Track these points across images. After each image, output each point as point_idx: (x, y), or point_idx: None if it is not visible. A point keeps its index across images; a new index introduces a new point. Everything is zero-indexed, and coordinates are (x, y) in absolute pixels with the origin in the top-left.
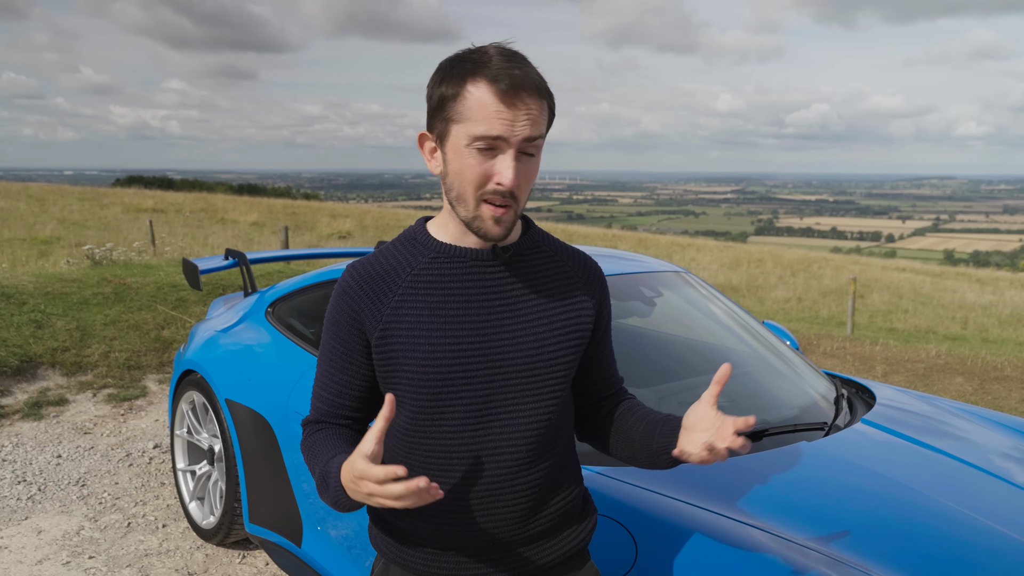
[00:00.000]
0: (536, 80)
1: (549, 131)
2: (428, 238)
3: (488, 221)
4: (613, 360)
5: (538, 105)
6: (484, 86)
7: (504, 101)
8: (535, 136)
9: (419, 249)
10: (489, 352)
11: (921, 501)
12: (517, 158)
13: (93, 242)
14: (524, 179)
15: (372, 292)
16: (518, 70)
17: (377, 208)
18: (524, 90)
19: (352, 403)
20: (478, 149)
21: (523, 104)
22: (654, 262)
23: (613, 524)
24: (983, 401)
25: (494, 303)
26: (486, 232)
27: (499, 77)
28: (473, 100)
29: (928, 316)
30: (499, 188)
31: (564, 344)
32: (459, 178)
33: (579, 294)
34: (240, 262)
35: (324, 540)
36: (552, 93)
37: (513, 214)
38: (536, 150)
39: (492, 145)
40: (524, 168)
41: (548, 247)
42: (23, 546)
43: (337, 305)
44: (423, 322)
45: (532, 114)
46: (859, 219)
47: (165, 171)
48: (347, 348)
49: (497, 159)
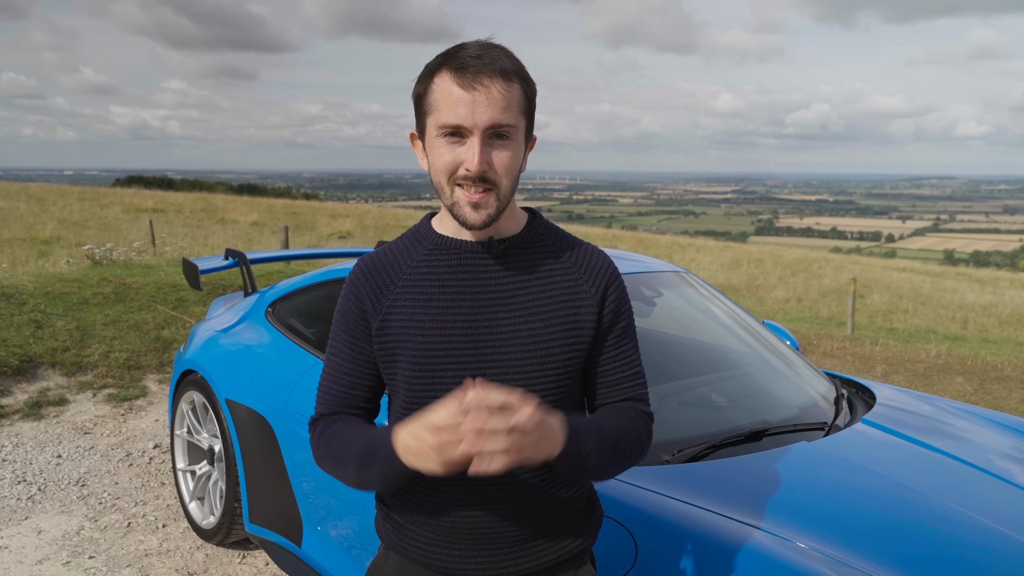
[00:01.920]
0: (503, 65)
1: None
2: (429, 231)
3: (465, 207)
4: (628, 370)
5: (502, 89)
6: (446, 75)
7: (463, 86)
8: (502, 121)
9: (420, 242)
10: (481, 345)
11: (921, 501)
12: (486, 143)
13: (93, 242)
14: (499, 164)
15: (376, 283)
16: (484, 57)
17: (377, 208)
18: (484, 74)
19: (364, 393)
20: (446, 137)
21: (483, 88)
22: (654, 262)
23: (613, 524)
24: (983, 401)
25: (488, 296)
26: (465, 218)
27: (461, 65)
28: (438, 91)
29: (928, 316)
30: (467, 173)
31: (560, 341)
32: (434, 168)
33: (580, 291)
34: (240, 262)
35: (324, 540)
36: (529, 79)
37: (495, 200)
38: (510, 135)
39: (457, 131)
40: (497, 154)
41: (552, 241)
42: (23, 546)
43: (345, 297)
44: (418, 313)
45: (494, 98)
46: (859, 219)
47: (165, 171)
48: (355, 338)
49: (464, 145)
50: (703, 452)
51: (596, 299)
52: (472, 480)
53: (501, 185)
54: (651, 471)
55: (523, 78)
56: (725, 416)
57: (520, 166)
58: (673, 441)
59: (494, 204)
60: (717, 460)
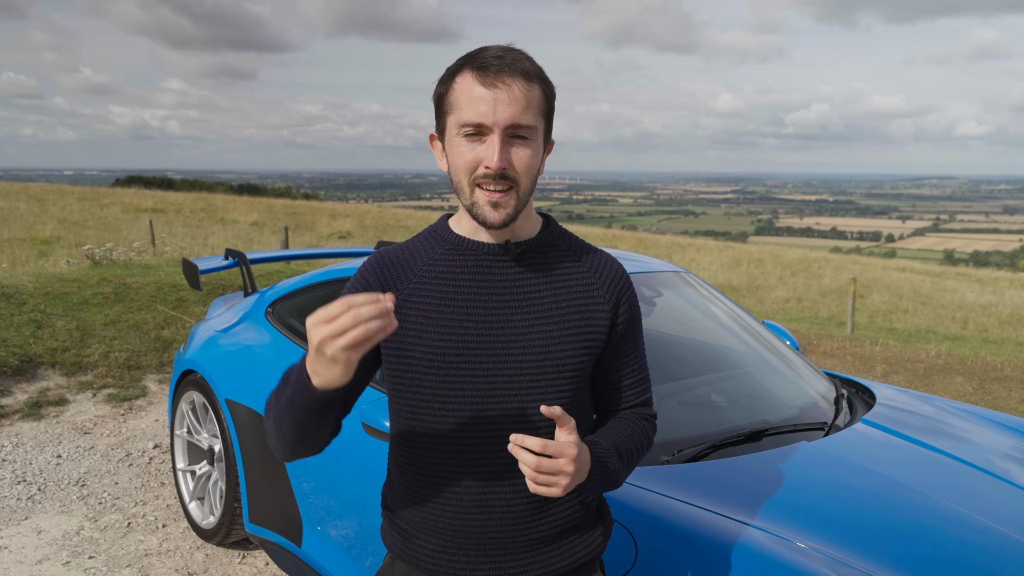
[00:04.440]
0: (524, 67)
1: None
2: (447, 231)
3: (485, 207)
4: (637, 375)
5: (523, 88)
6: (468, 75)
7: (485, 84)
8: (522, 121)
9: (437, 241)
10: (495, 346)
11: (921, 501)
12: (506, 141)
13: (93, 242)
14: (519, 163)
15: (388, 278)
16: (506, 58)
17: (377, 208)
18: (505, 73)
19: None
20: (466, 136)
21: (504, 86)
22: (654, 262)
23: (613, 524)
24: (983, 401)
25: (504, 298)
26: (484, 218)
27: (483, 64)
28: (459, 90)
29: (928, 316)
30: (487, 171)
31: (574, 345)
32: (454, 168)
33: (595, 296)
34: (240, 262)
35: (324, 540)
36: (549, 82)
37: (514, 199)
38: (529, 135)
39: (477, 130)
40: (516, 152)
41: (568, 246)
42: (23, 546)
43: (353, 285)
44: (432, 311)
45: (515, 96)
46: (859, 219)
47: (165, 171)
48: None
49: (485, 143)
50: (703, 452)
51: (610, 305)
52: (482, 484)
53: (521, 184)
54: (651, 471)
55: (543, 80)
56: (725, 416)
57: (539, 167)
58: (673, 441)
59: (513, 204)
60: (717, 460)
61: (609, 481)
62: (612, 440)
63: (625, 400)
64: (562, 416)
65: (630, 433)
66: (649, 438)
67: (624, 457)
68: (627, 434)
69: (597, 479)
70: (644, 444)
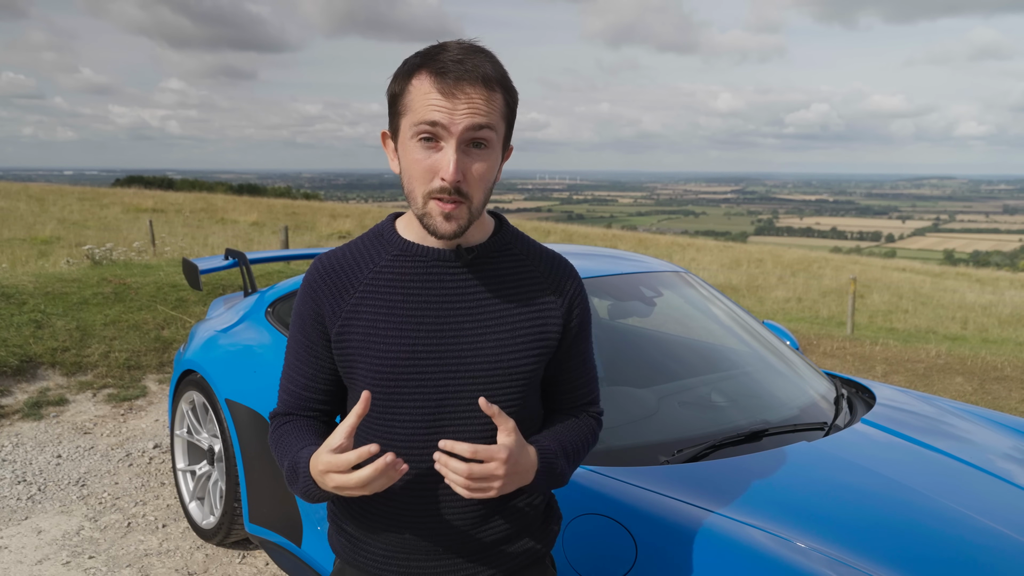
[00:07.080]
0: (485, 72)
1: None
2: (394, 235)
3: (437, 218)
4: (587, 375)
5: (483, 96)
6: (426, 77)
7: (442, 92)
8: (480, 135)
9: (384, 246)
10: (445, 355)
11: (921, 501)
12: (463, 150)
13: (93, 242)
14: (474, 174)
15: (335, 287)
16: (466, 63)
17: (377, 208)
18: (465, 81)
19: (319, 396)
20: (422, 139)
21: (463, 94)
22: (654, 262)
23: (613, 524)
24: (983, 401)
25: (454, 305)
26: (436, 229)
27: (442, 68)
28: (415, 93)
29: (928, 316)
30: (443, 184)
31: (526, 352)
32: (407, 174)
33: (547, 300)
34: (240, 262)
35: (324, 540)
36: (511, 87)
37: (466, 212)
38: (487, 141)
39: (433, 133)
40: (472, 162)
41: (519, 250)
42: (23, 546)
43: (302, 298)
44: (380, 320)
45: (475, 104)
46: (859, 219)
47: (165, 171)
48: (311, 341)
49: (441, 152)
50: (703, 452)
51: (562, 310)
52: (428, 493)
53: (474, 198)
54: (651, 471)
55: (505, 87)
56: (725, 416)
57: (495, 176)
58: (673, 441)
59: (466, 216)
60: (717, 460)
61: (555, 481)
62: (559, 440)
63: (574, 400)
64: (499, 415)
65: (577, 432)
66: (596, 435)
67: (571, 457)
68: (574, 434)
69: (543, 480)
70: (591, 441)
